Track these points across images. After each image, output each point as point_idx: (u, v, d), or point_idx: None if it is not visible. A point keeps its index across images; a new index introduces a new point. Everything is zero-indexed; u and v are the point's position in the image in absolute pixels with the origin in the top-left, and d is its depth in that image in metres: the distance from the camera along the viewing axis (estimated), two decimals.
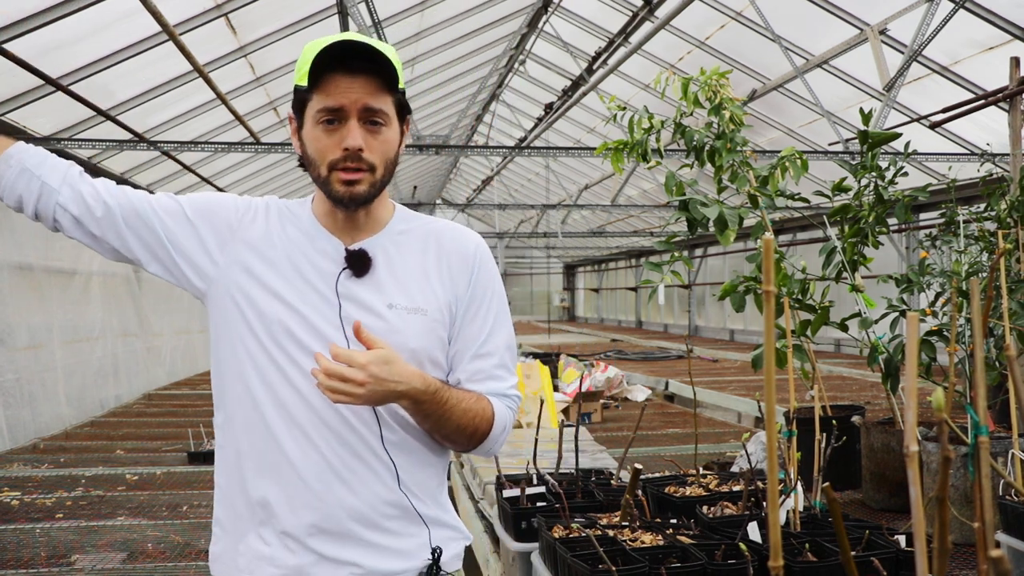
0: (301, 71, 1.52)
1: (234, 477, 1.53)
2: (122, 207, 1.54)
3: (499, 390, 1.63)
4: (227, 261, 1.55)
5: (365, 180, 1.51)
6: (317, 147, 1.51)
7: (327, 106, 1.48)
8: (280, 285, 1.52)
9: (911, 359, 0.54)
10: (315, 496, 1.48)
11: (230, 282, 1.54)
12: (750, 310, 13.26)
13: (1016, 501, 2.43)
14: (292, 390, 1.49)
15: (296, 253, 1.55)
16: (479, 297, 1.65)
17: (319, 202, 1.60)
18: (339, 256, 1.55)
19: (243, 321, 1.52)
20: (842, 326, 3.56)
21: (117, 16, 6.18)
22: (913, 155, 4.69)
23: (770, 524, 0.55)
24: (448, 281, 1.61)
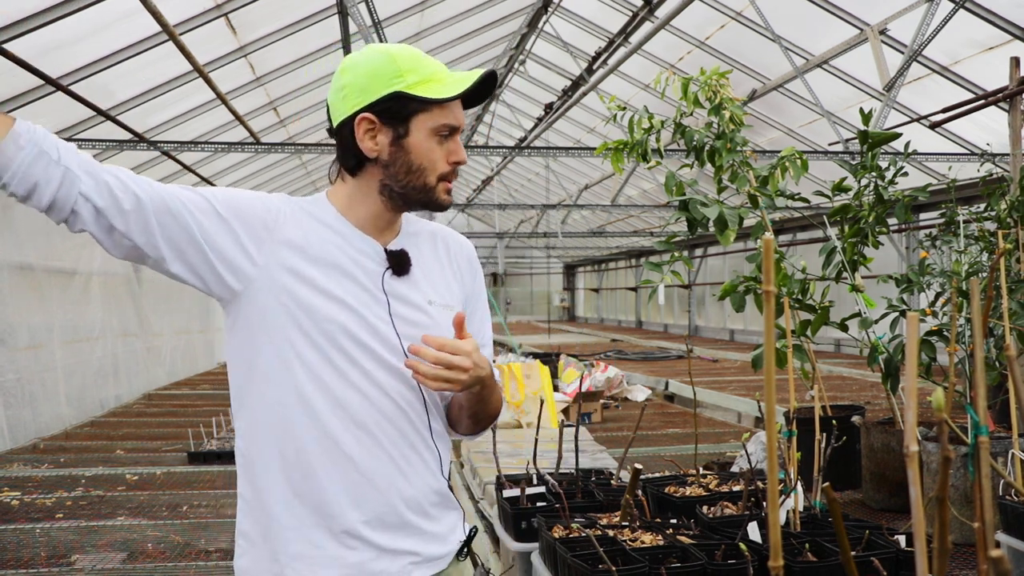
0: (408, 80, 1.55)
1: (273, 484, 1.51)
2: (153, 201, 1.45)
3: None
4: (267, 261, 1.51)
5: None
6: (431, 158, 1.57)
7: (451, 124, 1.57)
8: (331, 285, 1.52)
9: (911, 359, 0.54)
10: (377, 491, 1.52)
11: (273, 283, 1.51)
12: (750, 310, 13.24)
13: (1016, 501, 2.43)
14: (352, 389, 1.51)
15: (337, 253, 1.56)
16: (479, 294, 1.77)
17: (361, 204, 1.60)
18: (378, 256, 1.59)
19: (292, 322, 1.50)
20: (842, 326, 3.56)
21: (117, 16, 6.18)
22: (913, 155, 4.69)
23: (770, 524, 0.55)
24: (460, 279, 1.71)
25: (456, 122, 1.58)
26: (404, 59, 1.55)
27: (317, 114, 11.22)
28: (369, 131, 1.56)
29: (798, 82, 8.42)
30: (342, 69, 1.60)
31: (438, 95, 1.54)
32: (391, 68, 1.55)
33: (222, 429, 6.80)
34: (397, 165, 1.56)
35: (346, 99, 1.57)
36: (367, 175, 1.59)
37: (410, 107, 1.54)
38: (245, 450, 1.54)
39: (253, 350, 1.52)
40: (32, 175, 1.37)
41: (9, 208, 7.25)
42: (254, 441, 1.53)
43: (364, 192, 1.60)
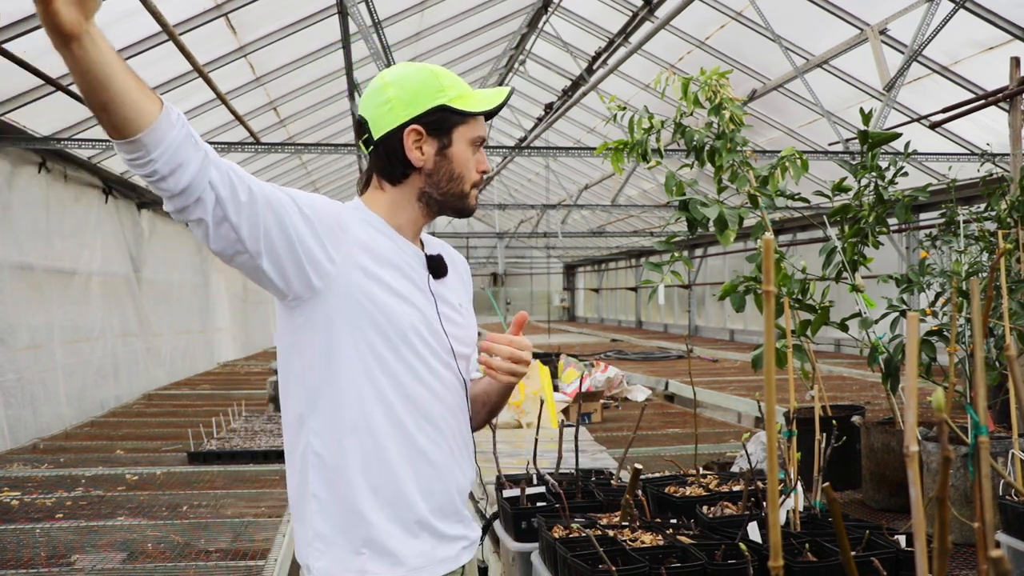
0: (450, 94, 1.67)
1: (354, 480, 1.57)
2: (262, 195, 1.47)
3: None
4: (343, 260, 1.56)
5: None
6: (469, 167, 1.71)
7: (482, 136, 1.72)
8: (398, 285, 1.62)
9: (911, 359, 0.54)
10: (443, 482, 1.64)
11: (350, 282, 1.56)
12: (750, 310, 13.24)
13: (1016, 501, 2.43)
14: (421, 384, 1.61)
15: (395, 255, 1.65)
16: (471, 297, 1.91)
17: (402, 209, 1.71)
18: (420, 260, 1.70)
19: (368, 320, 1.57)
20: (842, 326, 3.56)
21: (117, 16, 6.17)
22: (913, 155, 4.69)
23: (770, 524, 0.55)
24: (466, 286, 1.86)
25: (485, 134, 1.74)
26: (444, 76, 1.69)
27: (317, 114, 11.21)
28: (416, 142, 1.66)
29: (798, 82, 8.42)
30: (384, 84, 1.68)
31: (476, 108, 1.68)
32: (435, 83, 1.67)
33: (222, 429, 6.80)
34: (440, 174, 1.68)
35: (392, 111, 1.66)
36: (410, 183, 1.69)
37: (453, 119, 1.67)
38: (321, 449, 1.58)
39: (332, 348, 1.57)
40: (179, 155, 1.36)
41: (9, 208, 7.25)
42: (333, 438, 1.58)
43: (406, 199, 1.70)
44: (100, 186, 9.33)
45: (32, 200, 7.74)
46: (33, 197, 7.75)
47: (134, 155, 1.34)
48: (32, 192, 7.72)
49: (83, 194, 8.92)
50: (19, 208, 7.42)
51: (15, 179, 7.39)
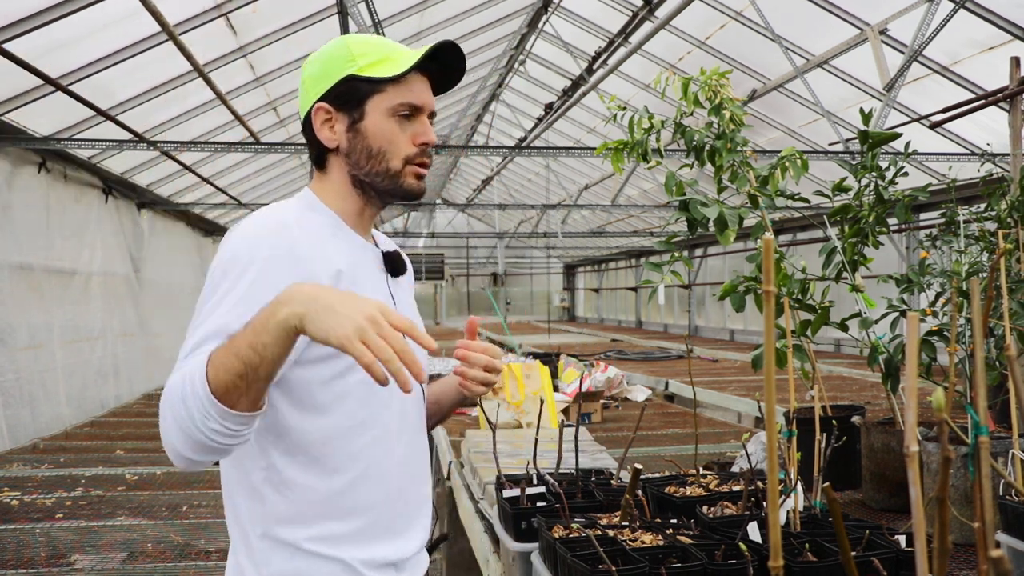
0: (360, 63, 1.50)
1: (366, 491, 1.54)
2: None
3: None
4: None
5: (426, 176, 1.58)
6: (391, 140, 1.51)
7: (411, 102, 1.51)
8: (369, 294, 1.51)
9: (911, 359, 0.54)
10: (409, 492, 1.61)
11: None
12: (750, 310, 13.23)
13: (1016, 501, 2.43)
14: (395, 395, 1.51)
15: (358, 263, 1.53)
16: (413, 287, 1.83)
17: (346, 199, 1.56)
18: (377, 258, 1.59)
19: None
20: (842, 326, 3.56)
21: (117, 16, 6.18)
22: (913, 155, 4.68)
23: (770, 524, 0.55)
24: (411, 282, 1.75)
25: (417, 100, 1.53)
26: (357, 43, 1.52)
27: None
28: (326, 121, 1.53)
29: (798, 82, 8.42)
30: (303, 67, 1.58)
31: (390, 73, 1.49)
32: (343, 53, 1.51)
33: None
34: (357, 152, 1.52)
35: (306, 93, 1.55)
36: (336, 168, 1.55)
37: (363, 89, 1.50)
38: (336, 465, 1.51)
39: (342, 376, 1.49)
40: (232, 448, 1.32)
41: (9, 208, 7.25)
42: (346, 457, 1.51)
43: (343, 187, 1.56)
44: (100, 186, 9.33)
45: (32, 200, 7.74)
46: (33, 197, 7.75)
47: (249, 425, 1.30)
48: (32, 192, 7.72)
49: (83, 194, 8.92)
50: (19, 208, 7.42)
51: (15, 179, 7.39)
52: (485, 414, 3.74)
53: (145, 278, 10.64)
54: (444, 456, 4.81)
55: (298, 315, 1.22)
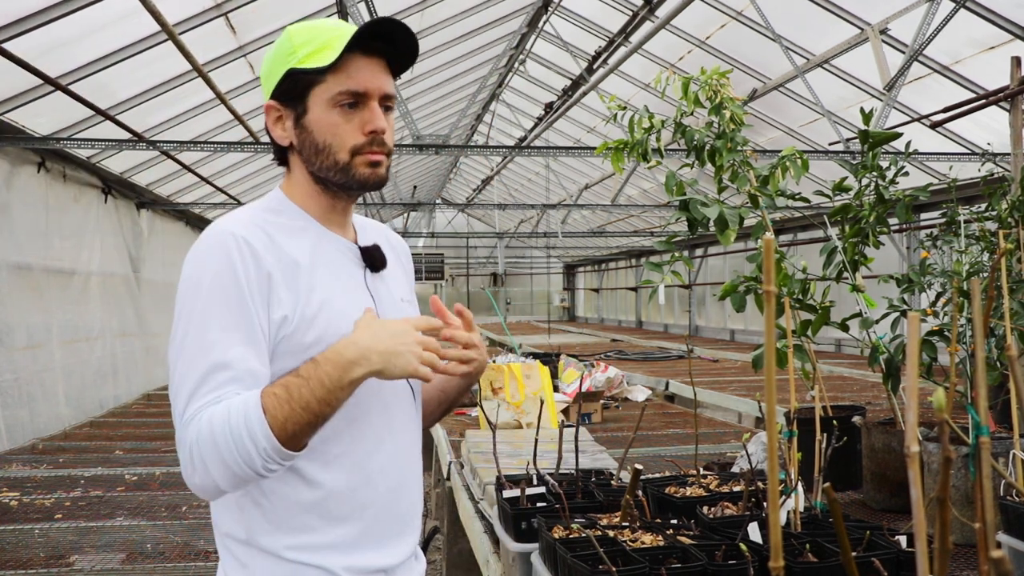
0: (300, 54, 1.44)
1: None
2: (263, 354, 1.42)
3: None
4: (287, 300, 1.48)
5: (384, 164, 1.49)
6: (335, 132, 1.44)
7: (351, 89, 1.43)
8: (337, 297, 1.49)
9: (912, 359, 0.54)
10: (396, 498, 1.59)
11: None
12: (750, 310, 13.24)
13: (1017, 501, 2.42)
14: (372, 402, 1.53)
15: (315, 260, 1.48)
16: (413, 284, 1.77)
17: (312, 197, 1.52)
18: (353, 254, 1.54)
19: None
20: (843, 326, 3.55)
21: (116, 16, 6.17)
22: (914, 155, 4.67)
23: (771, 524, 0.54)
24: (408, 276, 1.71)
25: (359, 86, 1.43)
26: (299, 33, 1.46)
27: None
28: (277, 119, 1.50)
29: (799, 82, 8.41)
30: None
31: (326, 62, 1.42)
32: (286, 47, 1.47)
33: None
34: (306, 149, 1.48)
35: (264, 92, 1.53)
36: (295, 166, 1.52)
37: (302, 82, 1.44)
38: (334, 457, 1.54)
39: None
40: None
41: (8, 208, 7.25)
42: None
43: (308, 184, 1.52)
44: (99, 186, 9.33)
45: (31, 200, 7.73)
46: (32, 197, 7.75)
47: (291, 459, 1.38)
48: (31, 192, 7.71)
49: (82, 194, 8.91)
50: (18, 208, 7.42)
51: (14, 179, 7.38)
52: (485, 414, 3.73)
53: (144, 278, 10.63)
54: (444, 456, 4.81)
55: (375, 371, 1.35)
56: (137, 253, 10.53)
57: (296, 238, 1.47)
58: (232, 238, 1.41)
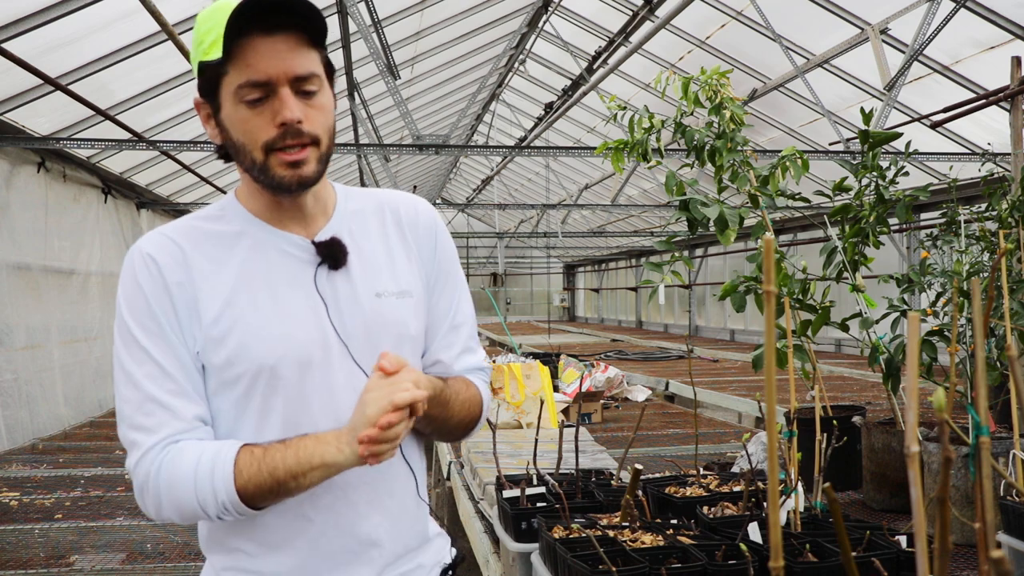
0: (205, 43, 1.29)
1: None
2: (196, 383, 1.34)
3: (475, 363, 1.55)
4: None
5: (311, 157, 1.30)
6: (245, 129, 1.28)
7: (251, 80, 1.25)
8: (256, 315, 1.35)
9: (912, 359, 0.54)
10: (342, 529, 1.48)
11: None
12: (750, 310, 13.23)
13: (1017, 502, 2.42)
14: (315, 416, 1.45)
15: (250, 273, 1.35)
16: (446, 266, 1.51)
17: (255, 196, 1.37)
18: (307, 252, 1.37)
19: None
20: (843, 326, 3.55)
21: (116, 15, 6.17)
22: (914, 155, 4.67)
23: (771, 524, 0.54)
24: (417, 254, 1.47)
25: (259, 75, 1.24)
26: (204, 20, 1.30)
27: None
28: (207, 117, 1.34)
29: (799, 82, 8.41)
30: None
31: (219, 51, 1.26)
32: (196, 37, 1.33)
33: None
34: (230, 147, 1.33)
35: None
36: (236, 164, 1.36)
37: (212, 76, 1.29)
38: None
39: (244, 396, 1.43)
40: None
41: (7, 208, 7.25)
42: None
43: (247, 183, 1.38)
44: (99, 186, 9.32)
45: (31, 200, 7.73)
46: (32, 197, 7.75)
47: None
48: (31, 192, 7.71)
49: (82, 194, 8.91)
50: (17, 208, 7.42)
51: (14, 179, 7.38)
52: None
53: None
54: (444, 456, 4.81)
55: (350, 463, 1.29)
56: None
57: (224, 247, 1.35)
58: (139, 257, 1.33)
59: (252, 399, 1.33)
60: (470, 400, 1.50)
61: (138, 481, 1.30)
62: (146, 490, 1.29)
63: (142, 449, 1.29)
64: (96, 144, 7.49)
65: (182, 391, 1.30)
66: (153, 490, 1.28)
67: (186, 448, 1.28)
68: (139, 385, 1.30)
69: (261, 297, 1.33)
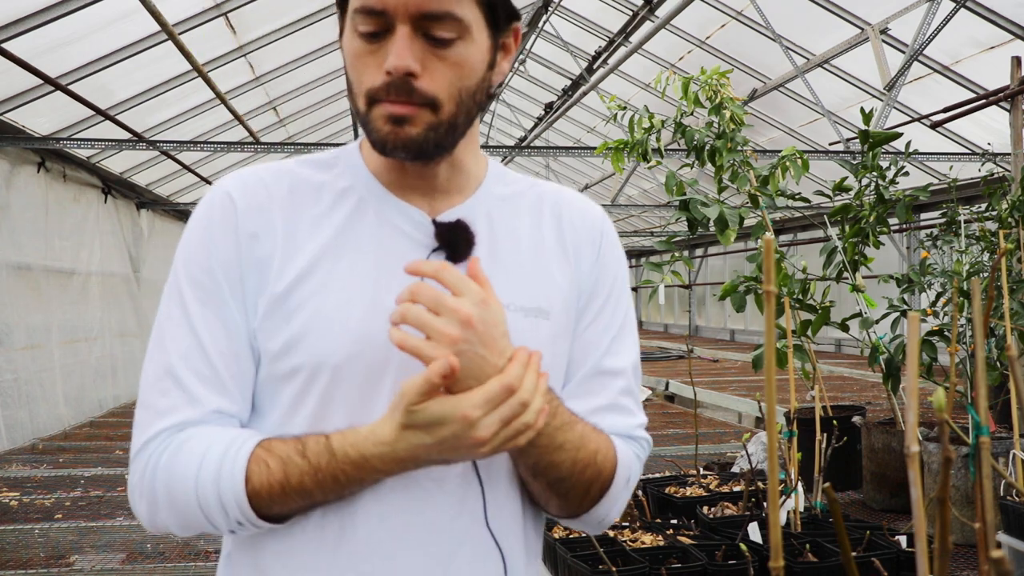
0: None
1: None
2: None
3: (624, 428, 1.12)
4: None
5: (420, 120, 0.98)
6: (354, 66, 1.00)
7: (365, 4, 0.96)
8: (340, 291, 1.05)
9: (912, 359, 0.54)
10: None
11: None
12: (750, 310, 13.25)
13: (1017, 502, 2.42)
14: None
15: (339, 246, 1.04)
16: (606, 287, 1.15)
17: (375, 152, 1.04)
18: (424, 232, 1.05)
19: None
20: (843, 326, 3.55)
21: (116, 15, 6.17)
22: (914, 155, 4.68)
23: (771, 524, 0.54)
24: (572, 267, 1.13)
25: (375, 2, 0.95)
26: None
27: (317, 113, 11.21)
28: (339, 35, 1.06)
29: (799, 82, 8.41)
30: None
31: None
32: None
33: None
34: (347, 82, 1.04)
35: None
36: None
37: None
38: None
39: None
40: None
41: (8, 208, 7.25)
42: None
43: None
44: (99, 186, 9.33)
45: (31, 200, 7.73)
46: (32, 197, 7.75)
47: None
48: (31, 192, 7.71)
49: (82, 194, 8.92)
50: (18, 208, 7.42)
51: (14, 179, 7.38)
52: None
53: (144, 278, 10.63)
54: None
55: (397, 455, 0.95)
56: (137, 253, 10.53)
57: (325, 202, 1.06)
58: (217, 196, 1.06)
59: (305, 403, 1.01)
60: (601, 453, 1.06)
61: (133, 475, 1.02)
62: (140, 487, 1.01)
63: (147, 434, 1.02)
64: (96, 144, 7.49)
65: (215, 378, 1.02)
66: (148, 489, 1.00)
67: (195, 436, 0.99)
68: (166, 353, 1.02)
69: (350, 274, 1.02)
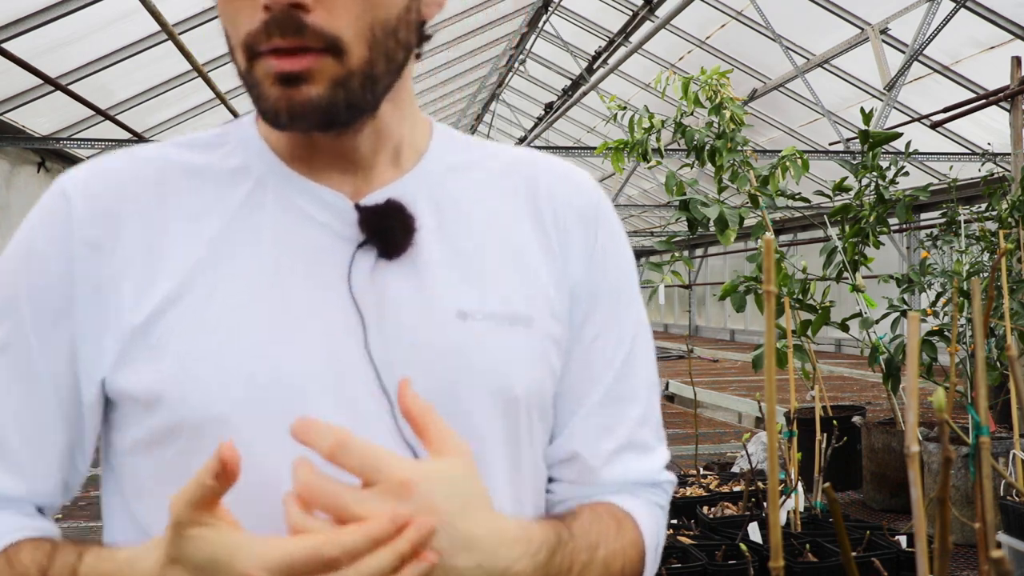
0: None
1: None
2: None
3: (647, 473, 0.85)
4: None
5: (321, 74, 0.70)
6: (225, 9, 0.79)
7: None
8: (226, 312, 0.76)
9: (912, 359, 0.54)
10: None
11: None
12: (750, 310, 13.24)
13: (1017, 502, 2.42)
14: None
15: (232, 243, 0.75)
16: (609, 281, 0.84)
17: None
18: (344, 220, 0.75)
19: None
20: (843, 326, 3.55)
21: (116, 15, 6.17)
22: (914, 155, 4.68)
23: (771, 524, 0.54)
24: (560, 256, 0.82)
25: None
26: None
27: None
28: None
29: (799, 82, 8.42)
30: None
31: None
32: None
33: None
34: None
35: None
36: None
37: None
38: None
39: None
40: None
41: (8, 208, 7.25)
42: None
43: None
44: None
45: (31, 200, 7.71)
46: (32, 197, 7.75)
47: None
48: (31, 192, 7.71)
49: None
50: (17, 208, 7.42)
51: (14, 179, 7.39)
52: None
53: None
54: None
55: None
56: None
57: (209, 192, 0.77)
58: (52, 193, 0.84)
59: (187, 465, 0.66)
60: (627, 558, 0.78)
61: None
62: None
63: None
64: (96, 144, 7.50)
65: (3, 454, 0.74)
66: None
67: None
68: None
69: (240, 286, 0.73)
